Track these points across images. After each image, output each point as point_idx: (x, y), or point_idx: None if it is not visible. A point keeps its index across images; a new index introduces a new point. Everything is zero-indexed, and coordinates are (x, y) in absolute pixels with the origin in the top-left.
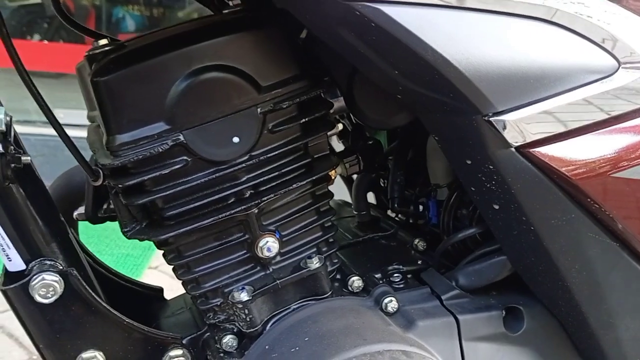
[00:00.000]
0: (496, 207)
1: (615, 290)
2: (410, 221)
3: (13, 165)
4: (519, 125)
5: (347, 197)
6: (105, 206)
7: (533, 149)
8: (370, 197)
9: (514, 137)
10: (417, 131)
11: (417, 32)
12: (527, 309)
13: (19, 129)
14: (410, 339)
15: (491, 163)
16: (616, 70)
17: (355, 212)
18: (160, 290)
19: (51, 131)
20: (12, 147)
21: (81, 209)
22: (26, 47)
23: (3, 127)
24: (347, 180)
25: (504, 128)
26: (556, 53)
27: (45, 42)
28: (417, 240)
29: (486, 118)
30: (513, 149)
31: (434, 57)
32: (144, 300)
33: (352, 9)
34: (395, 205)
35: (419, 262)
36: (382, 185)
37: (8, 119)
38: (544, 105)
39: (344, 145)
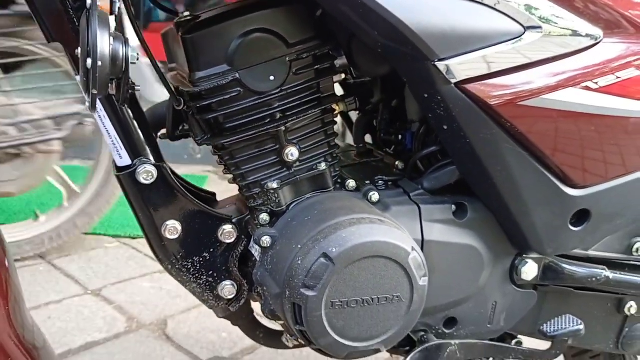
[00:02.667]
0: (445, 127)
1: (526, 186)
2: (393, 151)
3: (130, 91)
4: (456, 68)
5: None
6: (180, 128)
7: (466, 85)
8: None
9: (452, 77)
10: (398, 84)
11: (388, 7)
12: (470, 204)
13: None
14: (386, 215)
15: (439, 95)
16: (523, 33)
17: (355, 145)
18: (214, 194)
19: None
20: (130, 79)
21: (163, 131)
22: None
23: (136, 61)
24: (348, 122)
25: (445, 70)
26: (480, 21)
27: None
28: (397, 162)
29: (433, 63)
30: (452, 85)
31: (399, 24)
32: (203, 199)
33: None
34: (382, 135)
35: (398, 175)
36: (375, 125)
37: (138, 56)
38: (474, 55)
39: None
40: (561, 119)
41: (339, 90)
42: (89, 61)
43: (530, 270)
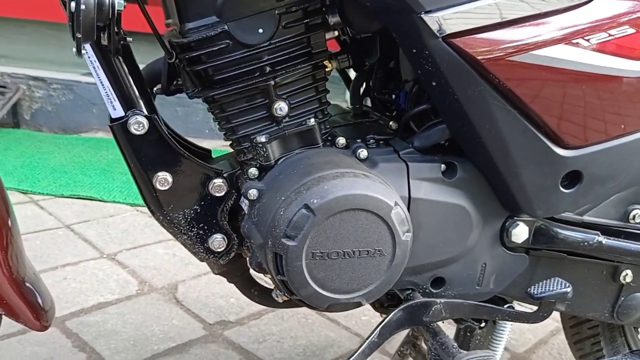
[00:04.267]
0: (434, 83)
1: (515, 145)
2: (388, 112)
3: (121, 42)
4: (443, 21)
5: None
6: (175, 83)
7: (454, 39)
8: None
9: (440, 30)
10: (395, 43)
11: None
12: (460, 164)
13: None
14: (372, 171)
15: (427, 50)
16: None
17: (351, 106)
18: (209, 150)
19: None
20: (122, 30)
21: (159, 86)
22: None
23: (122, 8)
24: (347, 82)
25: (432, 23)
26: None
27: None
28: (391, 122)
29: (419, 15)
30: (440, 39)
31: None
32: (198, 154)
33: None
34: (375, 93)
35: (390, 135)
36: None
37: (125, 4)
38: (462, 8)
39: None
40: (551, 76)
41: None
42: (73, 4)
43: (520, 232)
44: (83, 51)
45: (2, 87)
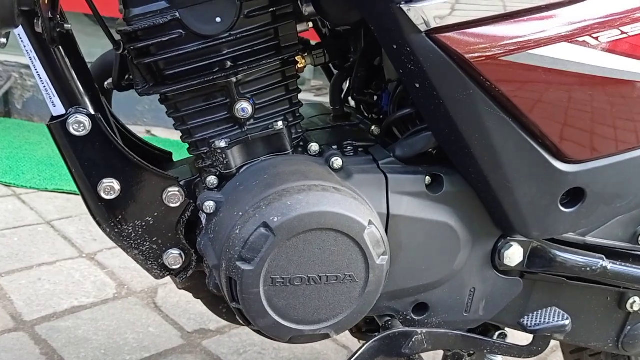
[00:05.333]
0: (417, 85)
1: (509, 158)
2: (373, 115)
3: (58, 29)
4: (426, 14)
5: None
6: (126, 77)
7: (439, 35)
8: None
9: (422, 24)
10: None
11: None
12: (447, 177)
13: None
14: (345, 184)
15: (408, 46)
16: None
17: (331, 107)
18: (170, 153)
19: None
20: (58, 16)
21: (110, 80)
22: None
23: None
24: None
25: (414, 15)
26: None
27: None
28: (373, 127)
29: (398, 5)
30: (423, 34)
31: None
32: (157, 158)
33: None
34: (355, 94)
35: (371, 141)
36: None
37: None
38: None
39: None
40: (552, 79)
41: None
42: None
43: (514, 254)
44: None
45: None
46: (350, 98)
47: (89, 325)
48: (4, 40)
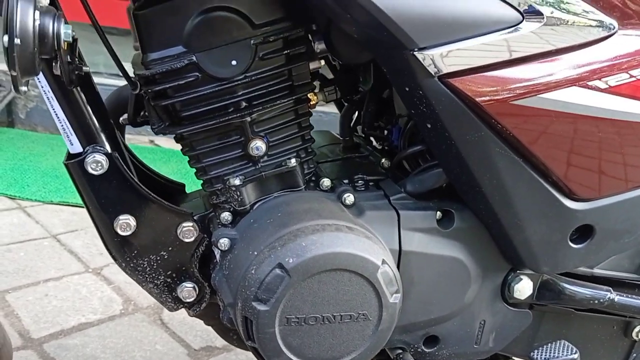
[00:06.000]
0: (429, 125)
1: (520, 196)
2: (383, 147)
3: (77, 72)
4: (439, 60)
5: None
6: (142, 113)
7: (451, 79)
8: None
9: (435, 69)
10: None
11: None
12: (457, 212)
13: None
14: (358, 221)
15: (421, 89)
16: (520, 22)
17: (341, 138)
18: (182, 185)
19: (117, 82)
20: (76, 59)
21: (125, 116)
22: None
23: (70, 39)
24: (340, 108)
25: (427, 61)
26: (469, 6)
27: None
28: (383, 160)
29: (412, 52)
30: (435, 79)
31: (372, 8)
32: (169, 190)
33: None
34: (365, 128)
35: (382, 175)
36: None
37: (74, 33)
38: (460, 45)
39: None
40: (562, 121)
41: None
42: (5, 38)
43: (524, 288)
44: (32, 85)
45: None
46: (359, 127)
47: (96, 343)
48: (24, 88)
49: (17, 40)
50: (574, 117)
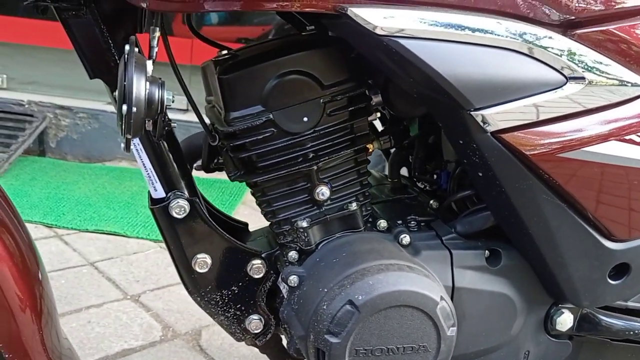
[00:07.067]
0: (480, 174)
1: (563, 238)
2: (429, 188)
3: (166, 128)
4: (493, 118)
5: None
6: (215, 160)
7: (502, 135)
8: (404, 172)
9: (489, 126)
10: (435, 122)
11: (423, 57)
12: (504, 251)
13: None
14: (415, 260)
15: (474, 143)
16: (565, 84)
17: (390, 180)
18: (246, 224)
19: None
20: (166, 117)
21: (199, 162)
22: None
23: (171, 104)
24: (387, 155)
25: (482, 120)
26: (519, 71)
27: None
28: (432, 201)
29: (469, 112)
30: (489, 134)
31: (434, 74)
32: (234, 228)
33: (381, 41)
34: (416, 173)
35: (431, 215)
36: (411, 161)
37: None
38: (511, 105)
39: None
40: (602, 172)
41: (376, 125)
42: (125, 107)
43: (565, 320)
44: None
45: (30, 116)
46: (407, 171)
47: None
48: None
49: (134, 109)
50: (612, 167)
